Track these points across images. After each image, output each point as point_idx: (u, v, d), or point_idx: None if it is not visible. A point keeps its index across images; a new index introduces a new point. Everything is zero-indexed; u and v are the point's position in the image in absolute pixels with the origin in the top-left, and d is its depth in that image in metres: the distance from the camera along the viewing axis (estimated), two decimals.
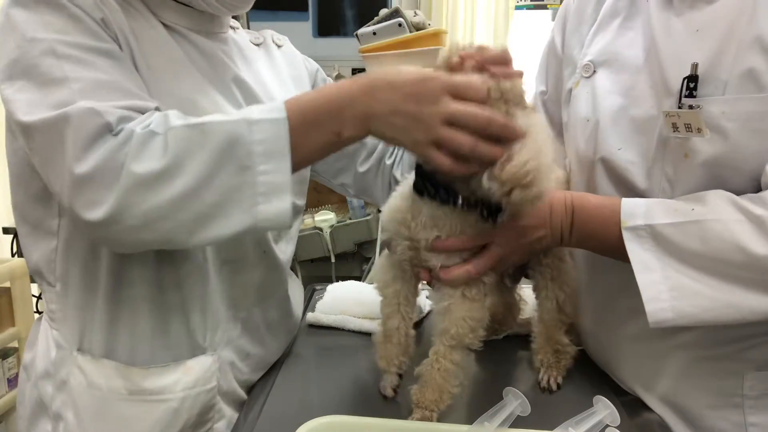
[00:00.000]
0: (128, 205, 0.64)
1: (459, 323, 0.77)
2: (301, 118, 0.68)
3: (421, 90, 0.66)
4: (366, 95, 0.68)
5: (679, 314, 0.71)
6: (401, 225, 0.77)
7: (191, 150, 0.65)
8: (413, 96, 0.66)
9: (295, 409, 0.83)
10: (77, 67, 0.68)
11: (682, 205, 0.74)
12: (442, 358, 0.77)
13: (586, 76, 0.89)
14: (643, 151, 0.80)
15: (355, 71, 2.23)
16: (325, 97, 0.69)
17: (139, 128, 0.65)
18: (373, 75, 0.69)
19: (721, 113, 0.71)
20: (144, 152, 0.64)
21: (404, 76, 0.67)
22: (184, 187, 0.64)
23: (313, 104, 0.69)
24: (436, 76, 0.67)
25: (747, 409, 0.79)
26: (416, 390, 0.78)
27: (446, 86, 0.66)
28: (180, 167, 0.64)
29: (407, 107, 0.66)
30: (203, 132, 0.66)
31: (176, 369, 0.82)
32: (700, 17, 0.76)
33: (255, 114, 0.67)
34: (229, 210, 0.66)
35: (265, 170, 0.67)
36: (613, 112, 0.83)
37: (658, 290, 0.72)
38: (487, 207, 0.74)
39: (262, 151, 0.66)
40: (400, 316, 0.83)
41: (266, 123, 0.67)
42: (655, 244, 0.74)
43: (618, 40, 0.87)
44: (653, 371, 0.85)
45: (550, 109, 1.04)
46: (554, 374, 0.89)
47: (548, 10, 2.76)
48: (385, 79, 0.68)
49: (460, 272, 0.76)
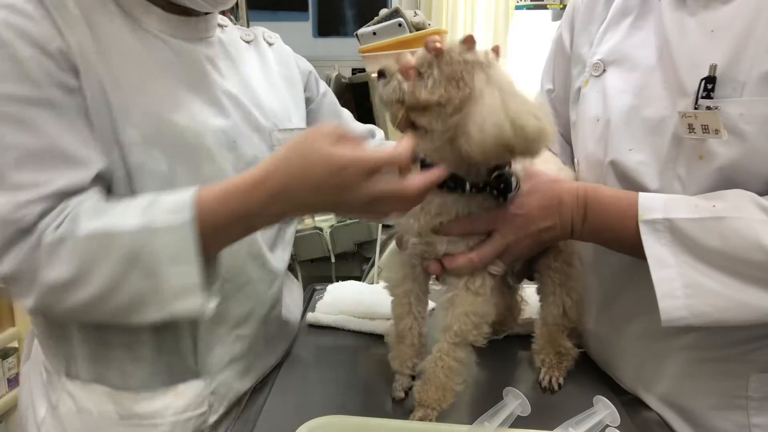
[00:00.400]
0: (49, 304, 0.69)
1: (461, 319, 0.76)
2: (212, 223, 0.67)
3: (339, 182, 0.63)
4: (280, 197, 0.66)
5: (692, 313, 0.70)
6: (411, 217, 0.77)
7: (96, 259, 0.66)
8: (330, 189, 0.64)
9: (295, 409, 0.83)
10: (10, 130, 0.67)
11: (702, 201, 0.72)
12: (446, 355, 0.77)
13: (596, 75, 0.89)
14: (655, 151, 0.79)
15: (355, 71, 2.23)
16: (239, 201, 0.67)
17: (49, 232, 0.66)
18: (287, 168, 0.65)
19: (739, 115, 0.70)
20: (52, 260, 0.66)
21: (319, 169, 0.63)
22: (92, 293, 0.67)
23: (225, 210, 0.67)
24: (352, 162, 0.63)
25: (751, 410, 0.78)
26: (419, 387, 0.78)
27: (364, 170, 0.63)
28: (86, 275, 0.66)
29: (325, 200, 0.65)
30: (107, 242, 0.66)
31: (167, 393, 0.81)
32: (714, 17, 0.75)
33: (159, 220, 0.66)
34: (142, 309, 0.68)
35: (172, 275, 0.67)
36: (625, 111, 0.83)
37: (672, 287, 0.71)
38: (496, 187, 0.74)
39: (168, 257, 0.66)
40: (412, 317, 0.82)
41: (171, 231, 0.66)
42: (672, 239, 0.72)
43: (629, 39, 0.86)
44: (656, 371, 0.84)
45: (558, 108, 1.03)
46: (556, 374, 0.89)
47: (548, 10, 2.76)
48: (301, 175, 0.64)
49: (464, 260, 0.76)
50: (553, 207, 0.78)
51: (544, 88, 1.05)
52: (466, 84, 0.68)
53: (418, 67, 0.71)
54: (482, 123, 0.66)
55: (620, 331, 0.88)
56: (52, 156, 0.69)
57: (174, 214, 0.66)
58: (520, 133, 0.65)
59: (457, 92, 0.69)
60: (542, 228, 0.78)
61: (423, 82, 0.70)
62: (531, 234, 0.78)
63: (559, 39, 1.01)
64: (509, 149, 0.66)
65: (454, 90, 0.69)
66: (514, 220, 0.77)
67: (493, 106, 0.66)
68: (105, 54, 0.74)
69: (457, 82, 0.69)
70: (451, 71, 0.69)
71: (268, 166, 0.66)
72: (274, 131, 0.89)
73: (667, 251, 0.72)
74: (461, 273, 0.77)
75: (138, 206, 0.69)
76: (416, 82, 0.71)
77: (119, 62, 0.75)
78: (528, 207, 0.77)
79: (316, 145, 0.64)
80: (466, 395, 0.80)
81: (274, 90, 0.94)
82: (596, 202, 0.77)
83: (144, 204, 0.69)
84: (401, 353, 0.83)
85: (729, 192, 0.72)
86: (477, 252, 0.76)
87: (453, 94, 0.69)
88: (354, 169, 0.63)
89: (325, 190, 0.64)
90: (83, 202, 0.69)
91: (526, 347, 0.99)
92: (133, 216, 0.67)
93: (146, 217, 0.67)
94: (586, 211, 0.78)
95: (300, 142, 0.66)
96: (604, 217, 0.77)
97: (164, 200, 0.68)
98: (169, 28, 0.81)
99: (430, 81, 0.69)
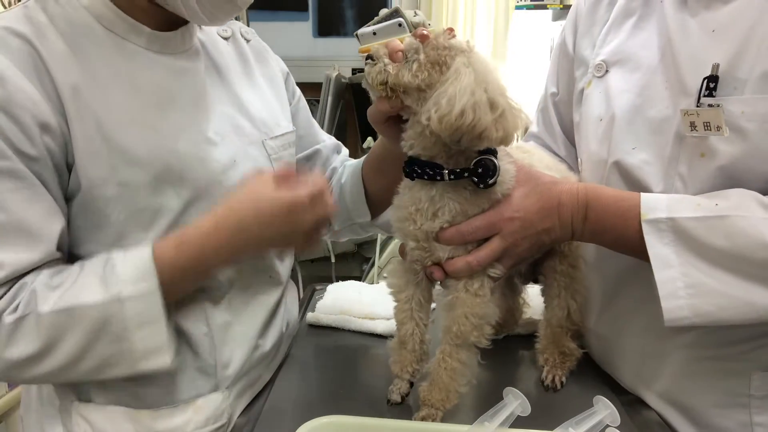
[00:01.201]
0: (14, 377, 0.71)
1: (461, 320, 0.76)
2: (170, 278, 0.71)
3: (291, 219, 0.74)
4: (234, 240, 0.73)
5: (695, 313, 0.70)
6: (407, 221, 0.77)
7: (63, 334, 0.68)
8: (282, 223, 0.74)
9: (295, 409, 0.83)
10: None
11: (704, 200, 0.72)
12: (448, 357, 0.77)
13: (599, 75, 0.89)
14: (658, 150, 0.79)
15: (355, 71, 2.23)
16: (194, 252, 0.73)
17: (7, 314, 0.67)
18: (238, 211, 0.74)
19: (740, 113, 0.71)
20: (15, 339, 0.67)
21: (269, 209, 0.73)
22: (59, 363, 0.69)
23: (182, 262, 0.72)
24: (299, 202, 0.74)
25: (753, 409, 0.78)
26: (424, 388, 0.78)
27: (306, 205, 0.74)
28: (53, 348, 0.68)
29: (280, 235, 0.75)
30: (73, 317, 0.68)
31: (186, 409, 0.80)
32: (715, 18, 0.76)
33: (126, 291, 0.69)
34: (110, 370, 0.71)
35: (140, 337, 0.70)
36: (627, 110, 0.83)
37: (675, 287, 0.71)
38: (474, 173, 0.73)
39: (136, 323, 0.70)
40: (414, 322, 0.82)
41: (138, 300, 0.69)
42: (675, 239, 0.72)
43: (632, 39, 0.87)
44: (657, 369, 0.85)
45: (562, 110, 1.04)
46: (559, 373, 0.89)
47: (548, 10, 2.76)
48: (253, 216, 0.73)
49: (462, 263, 0.76)
50: (552, 209, 0.78)
51: (549, 92, 1.06)
52: (448, 68, 0.70)
53: (406, 52, 0.72)
54: (450, 98, 0.67)
55: (621, 330, 0.89)
56: (10, 232, 0.68)
57: (140, 283, 0.70)
58: (486, 113, 0.67)
59: (439, 76, 0.70)
60: (541, 230, 0.78)
61: (408, 66, 0.72)
62: (530, 236, 0.78)
63: (563, 43, 1.02)
64: (475, 129, 0.67)
65: (436, 74, 0.70)
66: (512, 223, 0.76)
67: (465, 85, 0.67)
68: (99, 88, 0.73)
69: (440, 67, 0.70)
70: (436, 56, 0.70)
71: (217, 215, 0.73)
72: (266, 140, 0.89)
73: (670, 251, 0.72)
74: (460, 276, 0.77)
75: (94, 275, 0.70)
76: (401, 65, 0.72)
77: (115, 94, 0.74)
78: (526, 209, 0.77)
79: (262, 192, 0.74)
80: (467, 395, 0.80)
81: (259, 95, 0.93)
82: (597, 203, 0.77)
83: (99, 272, 0.70)
84: (402, 358, 0.83)
85: (731, 191, 0.72)
86: (474, 255, 0.76)
87: (435, 78, 0.70)
88: (300, 206, 0.74)
89: (277, 224, 0.74)
90: (38, 276, 0.69)
91: (526, 347, 0.99)
92: (95, 288, 0.69)
93: (110, 289, 0.69)
94: (587, 212, 0.77)
95: (247, 190, 0.75)
96: (605, 218, 0.77)
97: (122, 267, 0.70)
98: (157, 45, 0.79)
99: (414, 65, 0.71)
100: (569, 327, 0.90)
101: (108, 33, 0.76)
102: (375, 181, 0.97)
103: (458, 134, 0.68)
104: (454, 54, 0.70)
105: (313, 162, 1.05)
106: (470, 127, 0.67)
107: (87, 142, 0.72)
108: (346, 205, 1.02)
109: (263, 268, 0.90)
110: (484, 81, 0.68)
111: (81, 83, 0.72)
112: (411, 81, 0.71)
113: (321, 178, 0.79)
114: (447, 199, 0.75)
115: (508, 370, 0.95)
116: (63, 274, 0.70)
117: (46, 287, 0.68)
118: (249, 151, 0.86)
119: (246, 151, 0.85)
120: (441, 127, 0.67)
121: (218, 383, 0.82)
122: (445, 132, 0.68)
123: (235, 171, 0.82)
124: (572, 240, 0.82)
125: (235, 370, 0.84)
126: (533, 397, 0.70)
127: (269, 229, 0.74)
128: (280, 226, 0.74)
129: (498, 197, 0.77)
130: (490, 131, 0.68)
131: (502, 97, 0.69)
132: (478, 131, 0.67)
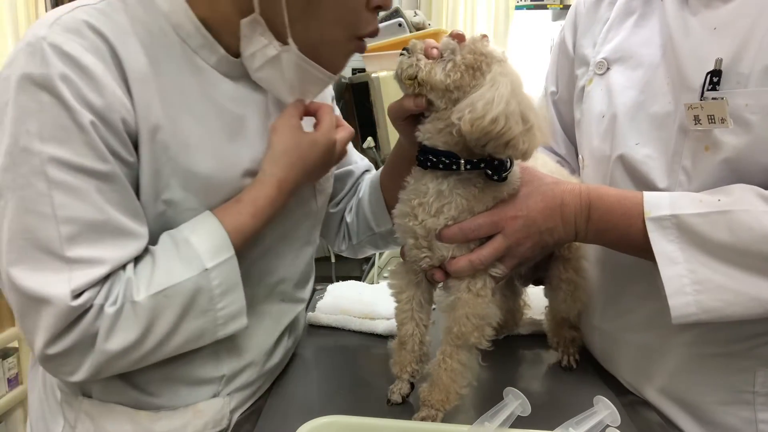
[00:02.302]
0: (101, 371, 0.69)
1: (462, 321, 0.76)
2: (243, 244, 0.75)
3: (330, 151, 0.83)
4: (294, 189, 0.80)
5: (702, 309, 0.70)
6: (407, 216, 0.77)
7: (158, 315, 0.69)
8: (327, 158, 0.83)
9: (295, 409, 0.83)
10: (67, 199, 0.65)
11: (706, 196, 0.72)
12: (449, 358, 0.77)
13: (600, 73, 0.90)
14: (662, 145, 0.80)
15: (355, 71, 2.23)
16: (268, 217, 0.77)
17: (108, 306, 0.67)
18: (294, 166, 0.79)
19: (744, 105, 0.71)
20: (115, 330, 0.67)
21: (315, 156, 0.81)
22: (153, 345, 0.70)
23: (259, 228, 0.77)
24: (332, 141, 0.82)
25: (758, 405, 0.79)
26: (424, 388, 0.78)
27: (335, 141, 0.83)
28: (149, 332, 0.69)
29: (324, 165, 0.84)
30: (167, 297, 0.69)
31: (186, 412, 0.79)
32: (716, 16, 0.76)
33: (207, 259, 0.71)
34: (194, 343, 0.74)
35: (223, 306, 0.73)
36: (630, 107, 0.84)
37: (681, 283, 0.71)
38: (490, 165, 0.74)
39: (220, 292, 0.73)
40: (414, 323, 0.83)
41: (221, 267, 0.72)
42: (679, 235, 0.72)
43: (633, 37, 0.88)
44: (660, 366, 0.85)
45: (561, 109, 1.05)
46: (571, 351, 0.94)
47: (548, 10, 2.76)
48: (302, 167, 0.79)
49: (464, 262, 0.76)
50: (554, 209, 0.78)
51: (548, 91, 1.07)
52: (482, 75, 0.71)
53: (442, 50, 0.73)
54: (488, 102, 0.68)
55: (624, 326, 0.89)
56: (107, 231, 0.68)
57: (220, 254, 0.72)
58: (517, 123, 0.68)
59: (471, 80, 0.71)
60: (544, 229, 0.78)
61: (442, 64, 0.72)
62: (532, 235, 0.78)
63: (562, 42, 1.03)
64: (504, 137, 0.68)
65: (468, 77, 0.71)
66: (515, 222, 0.76)
67: (503, 93, 0.68)
68: (171, 109, 0.71)
69: (474, 72, 0.71)
70: (472, 60, 0.71)
71: (276, 177, 0.77)
72: None
73: (675, 247, 0.72)
74: (462, 275, 0.77)
75: (173, 255, 0.71)
76: (435, 63, 0.73)
77: (184, 117, 0.73)
78: (529, 209, 0.77)
79: (299, 140, 0.79)
80: (467, 395, 0.80)
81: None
82: (600, 203, 0.77)
83: (175, 252, 0.72)
84: (402, 359, 0.83)
85: (732, 186, 0.72)
86: (477, 253, 0.76)
87: (466, 82, 0.71)
88: (331, 143, 0.82)
89: (322, 162, 0.82)
90: (129, 268, 0.70)
91: (526, 347, 0.99)
92: (179, 266, 0.71)
93: (194, 264, 0.71)
94: (590, 212, 0.78)
95: (283, 141, 0.79)
96: (609, 217, 0.77)
97: (198, 243, 0.72)
98: (226, 67, 0.77)
99: (449, 64, 0.71)
100: (569, 321, 0.95)
101: (182, 45, 0.74)
102: (394, 188, 0.97)
103: (486, 139, 0.68)
104: (490, 61, 0.71)
105: (343, 182, 1.06)
106: (500, 134, 0.67)
107: (152, 162, 0.71)
108: (365, 215, 1.02)
109: (276, 293, 0.89)
110: (519, 94, 0.69)
111: (156, 105, 0.70)
112: (443, 80, 0.71)
113: (326, 106, 0.84)
114: (455, 195, 0.75)
115: (508, 370, 0.95)
116: (141, 263, 0.71)
117: (137, 276, 0.69)
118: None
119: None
120: (471, 129, 0.68)
121: (221, 390, 0.82)
122: (474, 134, 0.68)
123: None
124: (575, 240, 0.82)
125: (240, 384, 0.84)
126: (533, 397, 0.70)
127: (317, 167, 0.83)
128: (327, 161, 0.83)
129: (504, 196, 0.77)
130: (518, 142, 0.68)
131: (532, 112, 0.70)
132: (506, 139, 0.68)
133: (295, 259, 0.91)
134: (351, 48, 0.79)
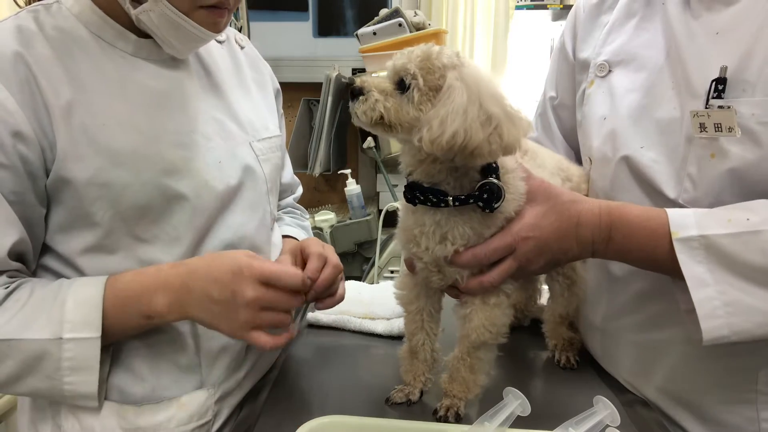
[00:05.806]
0: None
1: (479, 331, 0.77)
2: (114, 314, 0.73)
3: (235, 281, 0.72)
4: (184, 288, 0.73)
5: (734, 331, 0.69)
6: (411, 243, 0.77)
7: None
8: (224, 289, 0.72)
9: (295, 409, 0.83)
10: None
11: (733, 214, 0.70)
12: (467, 356, 0.78)
13: (601, 75, 0.89)
14: (668, 150, 0.79)
15: (355, 71, 2.23)
16: (139, 287, 0.74)
17: None
18: (200, 259, 0.76)
19: (750, 115, 0.70)
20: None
21: (221, 265, 0.73)
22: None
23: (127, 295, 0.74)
24: (249, 267, 0.72)
25: (760, 404, 0.79)
26: (445, 379, 0.80)
27: (258, 277, 0.72)
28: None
29: (222, 299, 0.72)
30: (9, 347, 0.70)
31: (170, 405, 0.80)
32: (718, 19, 0.76)
33: (68, 329, 0.71)
34: (43, 396, 0.74)
35: (71, 381, 0.72)
36: (633, 110, 0.83)
37: (713, 306, 0.69)
38: (479, 198, 0.72)
39: (69, 366, 0.71)
40: (424, 332, 0.83)
41: (79, 343, 0.71)
42: (707, 256, 0.69)
43: (635, 40, 0.87)
44: (661, 366, 0.85)
45: (561, 114, 1.04)
46: (568, 353, 0.94)
47: (548, 10, 2.75)
48: (206, 266, 0.74)
49: (475, 284, 0.76)
50: (569, 229, 0.76)
51: (547, 96, 1.06)
52: (440, 89, 0.68)
53: (402, 76, 0.69)
54: (443, 120, 0.65)
55: (624, 326, 0.89)
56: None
57: (83, 329, 0.71)
58: (478, 131, 0.65)
59: (433, 100, 0.68)
60: (557, 250, 0.76)
61: (408, 97, 0.68)
62: (545, 254, 0.77)
63: (562, 47, 1.02)
64: (467, 148, 0.65)
65: (433, 98, 0.68)
66: (526, 243, 0.75)
67: (458, 105, 0.65)
68: (86, 92, 0.74)
69: (436, 92, 0.68)
70: (434, 80, 0.68)
71: (182, 260, 0.76)
72: (253, 142, 0.90)
73: (704, 269, 0.70)
74: (474, 295, 0.78)
75: (42, 308, 0.71)
76: (399, 99, 0.69)
77: (101, 98, 0.75)
78: (542, 229, 0.75)
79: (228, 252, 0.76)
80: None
81: (248, 98, 0.94)
82: (622, 223, 0.75)
83: (48, 305, 0.71)
84: (414, 368, 0.84)
85: (754, 203, 0.70)
86: (488, 276, 0.76)
87: (432, 103, 0.68)
88: (249, 273, 0.72)
89: (220, 283, 0.72)
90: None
91: (526, 347, 0.99)
92: (39, 322, 0.70)
93: (54, 327, 0.70)
94: (611, 233, 0.75)
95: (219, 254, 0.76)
96: (632, 238, 0.75)
97: (72, 306, 0.71)
98: (145, 52, 0.80)
99: (416, 94, 0.68)
100: (567, 319, 0.95)
101: (96, 39, 0.77)
102: None
103: (450, 153, 0.67)
104: (444, 72, 0.68)
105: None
106: (462, 147, 0.65)
107: (72, 146, 0.72)
108: None
109: None
110: (478, 95, 0.66)
111: (66, 88, 0.73)
112: (416, 115, 0.68)
113: (297, 274, 0.74)
114: (454, 223, 0.74)
115: (508, 370, 0.95)
116: (13, 296, 0.72)
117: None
118: (236, 152, 0.86)
119: (233, 153, 0.86)
120: (432, 148, 0.66)
121: (203, 381, 0.83)
122: (436, 152, 0.67)
123: (222, 172, 0.83)
124: (592, 257, 0.80)
125: (221, 370, 0.84)
126: (533, 397, 0.70)
127: (213, 286, 0.72)
128: (222, 287, 0.72)
129: (511, 215, 0.75)
130: (482, 148, 0.66)
131: (498, 107, 0.66)
132: (469, 150, 0.66)
133: (248, 222, 0.87)
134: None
